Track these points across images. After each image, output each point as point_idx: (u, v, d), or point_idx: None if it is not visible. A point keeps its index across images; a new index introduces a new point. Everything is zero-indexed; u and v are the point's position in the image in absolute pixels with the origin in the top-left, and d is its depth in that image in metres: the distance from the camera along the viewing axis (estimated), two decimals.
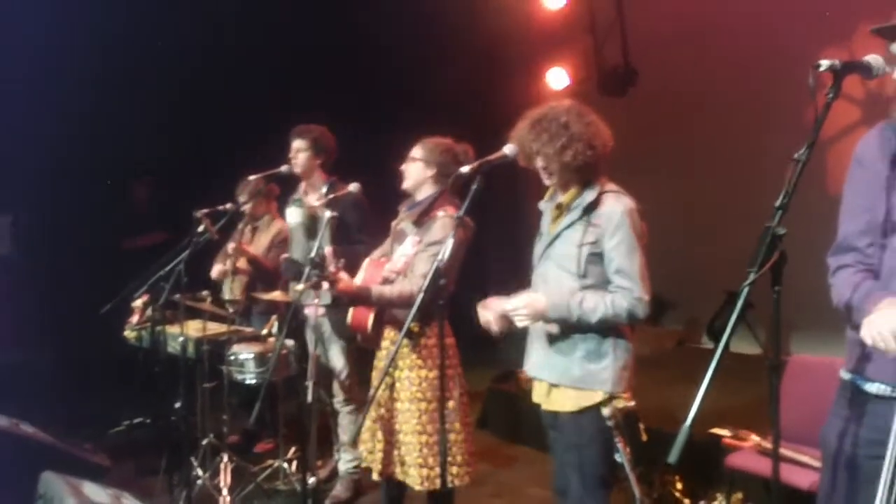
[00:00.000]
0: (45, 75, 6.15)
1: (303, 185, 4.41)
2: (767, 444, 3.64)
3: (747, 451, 3.71)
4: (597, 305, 2.65)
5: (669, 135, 6.93)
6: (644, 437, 4.32)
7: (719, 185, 6.62)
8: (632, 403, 2.77)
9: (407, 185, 3.50)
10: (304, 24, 6.88)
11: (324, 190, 4.22)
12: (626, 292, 2.66)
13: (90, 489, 3.03)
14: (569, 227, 2.76)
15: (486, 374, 5.95)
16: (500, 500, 4.51)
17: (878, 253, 2.05)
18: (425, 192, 3.45)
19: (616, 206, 2.71)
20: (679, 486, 4.26)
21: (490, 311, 2.81)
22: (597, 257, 2.70)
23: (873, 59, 1.93)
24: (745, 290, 1.74)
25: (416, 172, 3.47)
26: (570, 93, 7.09)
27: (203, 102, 6.68)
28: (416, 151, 3.49)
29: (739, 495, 3.92)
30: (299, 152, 4.28)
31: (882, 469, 1.77)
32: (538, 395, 2.91)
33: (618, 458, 2.70)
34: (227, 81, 6.69)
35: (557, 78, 7.30)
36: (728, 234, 6.43)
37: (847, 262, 2.10)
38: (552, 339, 2.80)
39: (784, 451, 3.50)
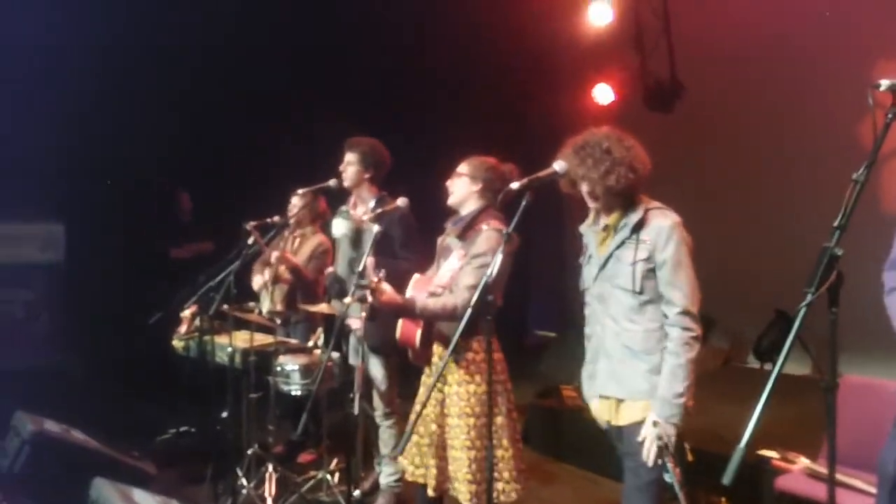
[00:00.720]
0: (98, 90, 6.29)
1: (352, 198, 4.44)
2: (818, 468, 3.58)
3: (797, 473, 3.65)
4: (674, 372, 2.71)
5: (716, 150, 6.87)
6: (690, 458, 4.29)
7: (767, 202, 6.53)
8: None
9: (452, 200, 3.53)
10: (356, 42, 6.95)
11: (372, 203, 4.26)
12: (671, 317, 2.73)
13: (139, 495, 3.08)
14: (620, 246, 2.82)
15: (528, 389, 5.91)
16: None
17: None
18: (470, 208, 3.48)
19: (664, 221, 2.78)
20: None
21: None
22: (651, 273, 2.77)
23: None
24: (802, 311, 1.72)
25: (462, 187, 3.50)
26: (615, 108, 7.08)
27: (251, 114, 6.78)
28: (463, 167, 3.53)
29: None
30: (349, 165, 4.32)
31: None
32: (605, 411, 2.95)
33: (667, 477, 2.68)
34: (278, 95, 6.78)
35: (603, 94, 7.30)
36: (775, 252, 6.35)
37: None
38: (618, 358, 2.84)
39: (837, 475, 3.44)
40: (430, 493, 3.38)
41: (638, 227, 2.79)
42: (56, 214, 7.02)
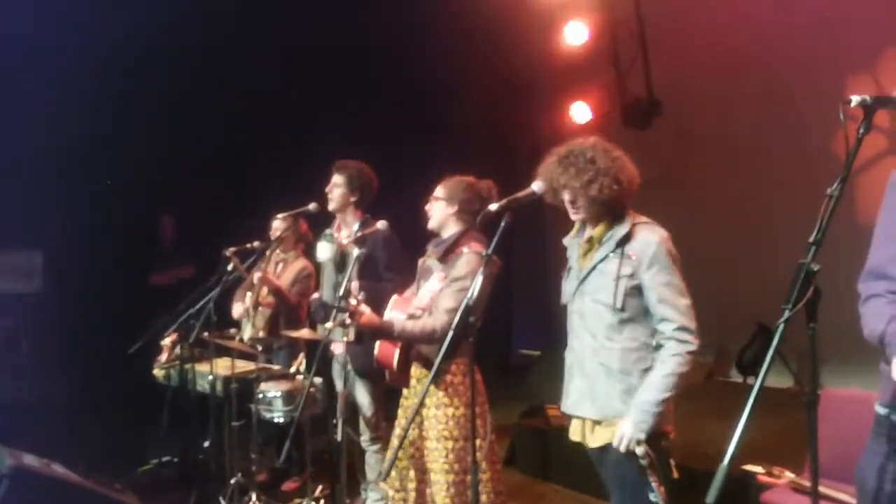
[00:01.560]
0: (72, 110, 6.25)
1: (337, 221, 4.43)
2: (803, 481, 3.59)
3: (782, 488, 3.65)
4: (656, 382, 2.65)
5: (695, 166, 6.93)
6: (675, 474, 4.27)
7: (747, 217, 6.58)
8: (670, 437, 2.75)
9: (432, 224, 3.54)
10: (337, 64, 6.98)
11: (356, 227, 4.25)
12: (667, 333, 2.67)
13: None
14: (603, 260, 2.76)
15: (513, 409, 5.90)
16: None
17: None
18: (450, 230, 3.48)
19: (651, 236, 2.72)
20: None
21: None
22: (635, 290, 2.70)
23: None
24: (781, 327, 1.73)
25: (440, 211, 3.51)
26: (593, 126, 7.10)
27: (232, 139, 6.78)
28: (439, 191, 3.53)
29: None
30: (336, 187, 4.31)
31: None
32: (578, 432, 2.90)
33: (652, 497, 2.66)
34: (258, 121, 6.78)
35: (580, 112, 7.31)
36: (756, 266, 6.40)
37: (878, 291, 2.08)
38: (593, 376, 2.79)
39: (821, 488, 3.44)
40: None
41: (624, 241, 2.73)
42: (35, 242, 6.96)
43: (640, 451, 2.65)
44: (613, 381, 2.73)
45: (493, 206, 2.75)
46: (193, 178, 6.80)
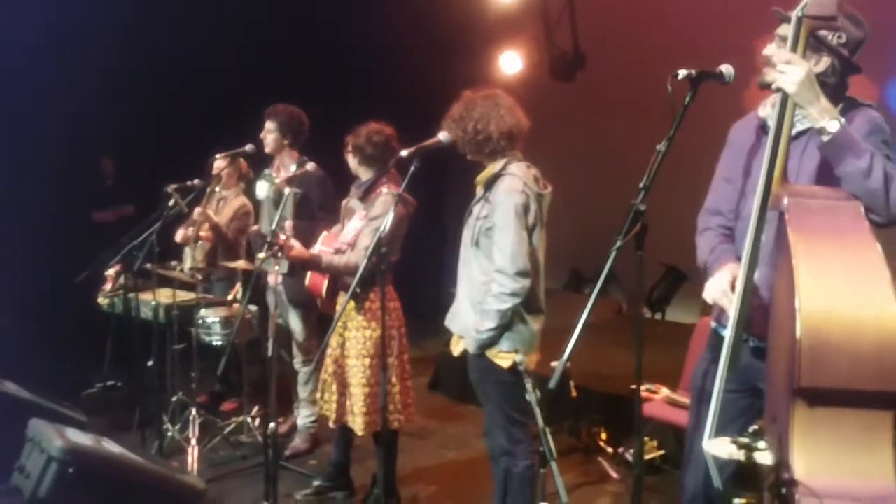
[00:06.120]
0: (15, 53, 6.38)
1: (276, 161, 4.77)
2: (676, 396, 4.15)
3: (659, 402, 4.20)
4: (485, 313, 3.11)
5: (616, 120, 7.33)
6: (574, 394, 4.85)
7: (662, 170, 7.04)
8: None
9: (353, 171, 3.96)
10: (266, 11, 7.18)
11: (293, 168, 4.60)
12: (491, 273, 3.11)
13: (73, 433, 3.40)
14: (476, 202, 3.22)
15: (442, 342, 6.35)
16: (447, 451, 4.96)
17: (735, 220, 2.51)
18: (366, 174, 3.89)
19: (506, 185, 3.11)
20: (604, 436, 4.75)
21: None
22: (490, 231, 3.12)
23: (725, 68, 2.37)
24: (613, 254, 2.18)
25: (350, 161, 3.96)
26: (522, 77, 7.46)
27: (169, 83, 6.96)
28: (348, 142, 3.95)
29: (654, 443, 4.43)
30: (268, 133, 4.63)
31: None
32: (452, 344, 3.43)
33: (528, 397, 3.12)
34: (195, 63, 6.95)
35: (510, 62, 7.53)
36: (664, 213, 6.88)
37: (711, 225, 2.56)
38: (460, 300, 3.32)
39: (684, 398, 4.01)
40: (331, 424, 3.84)
41: (489, 185, 3.16)
42: None
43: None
44: (469, 306, 3.22)
45: (404, 153, 3.15)
46: (134, 121, 7.00)
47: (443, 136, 3.20)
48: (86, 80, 6.73)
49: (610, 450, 4.65)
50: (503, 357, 3.14)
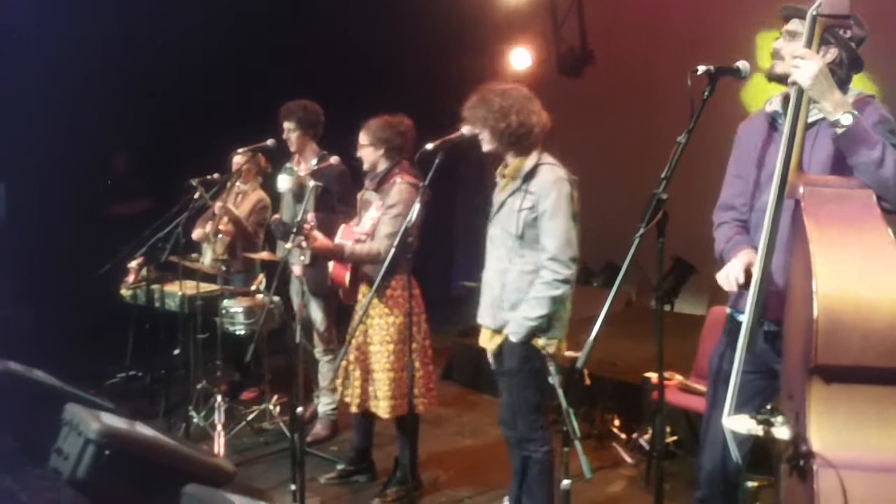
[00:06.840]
0: (32, 50, 6.49)
1: (296, 155, 4.87)
2: (689, 383, 4.26)
3: (672, 388, 4.31)
4: (534, 302, 3.16)
5: (623, 115, 7.42)
6: (588, 382, 4.96)
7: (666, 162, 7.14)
8: None
9: (366, 167, 4.05)
10: (278, 7, 7.28)
11: (314, 161, 4.71)
12: (541, 261, 3.17)
13: (108, 417, 3.53)
14: (512, 194, 3.25)
15: (452, 333, 6.46)
16: (462, 438, 5.08)
17: (749, 213, 2.63)
18: (382, 167, 3.99)
19: (549, 175, 3.20)
20: (617, 422, 4.87)
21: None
22: (534, 221, 3.19)
23: (742, 64, 2.48)
24: (636, 241, 2.29)
25: (369, 155, 4.00)
26: (531, 73, 7.57)
27: (184, 79, 7.07)
28: (363, 137, 4.00)
29: (668, 428, 4.54)
30: (290, 133, 4.73)
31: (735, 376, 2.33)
32: (485, 339, 3.47)
33: (551, 380, 3.24)
34: (208, 58, 7.05)
35: (519, 58, 7.65)
36: (678, 207, 6.98)
37: (725, 220, 2.69)
38: (497, 292, 3.31)
39: (697, 385, 4.13)
40: (353, 409, 3.96)
41: (528, 177, 3.20)
42: None
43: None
44: (508, 297, 3.26)
45: (429, 146, 3.25)
46: (148, 117, 7.13)
47: (466, 129, 3.28)
48: (102, 77, 6.85)
49: (623, 436, 4.77)
50: (550, 343, 3.21)
